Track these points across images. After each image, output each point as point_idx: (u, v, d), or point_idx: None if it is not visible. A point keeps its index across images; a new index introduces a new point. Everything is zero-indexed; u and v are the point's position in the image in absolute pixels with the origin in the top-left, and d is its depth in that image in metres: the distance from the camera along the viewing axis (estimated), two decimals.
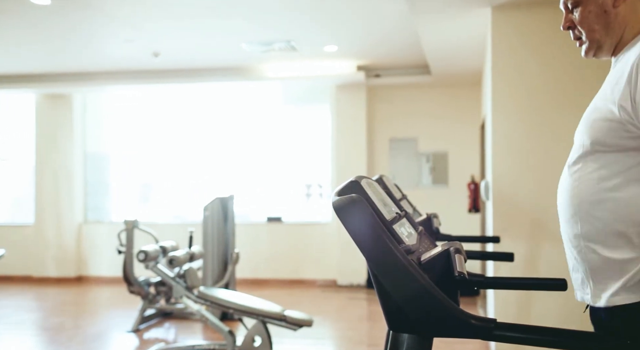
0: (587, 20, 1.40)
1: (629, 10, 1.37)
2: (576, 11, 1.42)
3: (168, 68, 6.95)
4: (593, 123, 1.34)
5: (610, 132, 1.29)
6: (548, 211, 3.70)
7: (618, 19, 1.37)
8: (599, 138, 1.31)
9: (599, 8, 1.37)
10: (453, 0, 3.85)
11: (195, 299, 4.22)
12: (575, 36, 1.46)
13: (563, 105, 3.75)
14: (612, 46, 1.40)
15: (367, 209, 1.17)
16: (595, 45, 1.42)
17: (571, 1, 1.42)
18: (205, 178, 8.07)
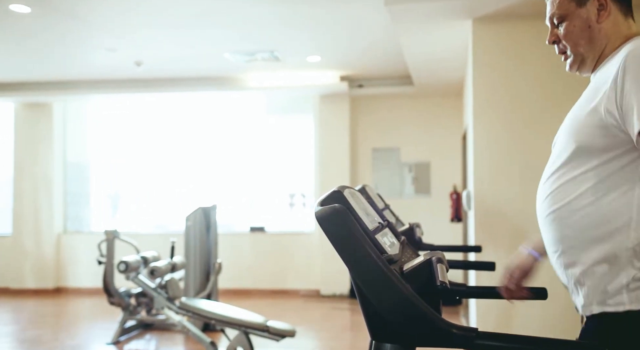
0: (572, 35, 1.44)
1: (611, 25, 1.41)
2: (561, 26, 1.46)
3: (150, 77, 6.91)
4: (577, 128, 1.36)
5: (596, 136, 1.31)
6: (529, 220, 3.74)
7: (601, 34, 1.41)
8: (584, 142, 1.33)
9: (583, 23, 1.42)
10: (435, 12, 3.90)
11: (176, 310, 4.17)
12: (560, 50, 1.50)
13: (543, 115, 3.80)
14: (595, 60, 1.44)
15: (349, 219, 1.17)
16: (579, 59, 1.46)
17: (557, 16, 1.46)
18: (188, 188, 8.02)
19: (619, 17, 1.42)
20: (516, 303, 1.64)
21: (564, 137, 1.41)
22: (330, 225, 1.18)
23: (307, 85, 6.95)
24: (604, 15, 1.40)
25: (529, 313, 3.72)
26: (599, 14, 1.41)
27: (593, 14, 1.41)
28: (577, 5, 1.42)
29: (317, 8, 4.44)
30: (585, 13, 1.41)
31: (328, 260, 7.08)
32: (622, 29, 1.41)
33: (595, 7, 1.41)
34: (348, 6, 4.38)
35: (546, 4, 1.50)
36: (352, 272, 1.20)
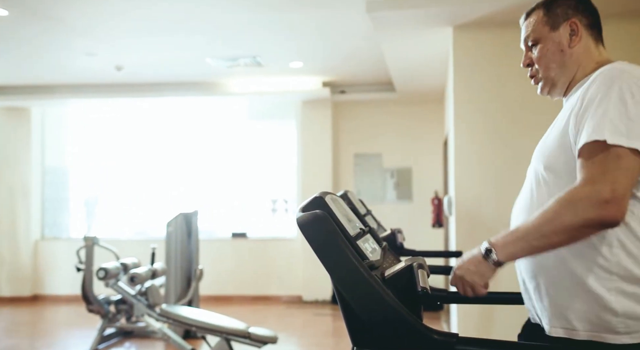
0: (544, 58, 1.47)
1: (583, 51, 1.45)
2: (535, 49, 1.49)
3: (131, 82, 6.85)
4: (547, 149, 1.39)
5: (562, 158, 1.34)
6: (509, 226, 3.78)
7: (572, 59, 1.45)
8: (551, 164, 1.36)
9: (556, 47, 1.45)
10: (416, 19, 3.94)
11: (157, 317, 4.12)
12: (531, 73, 1.53)
13: (523, 122, 3.85)
14: (566, 85, 1.47)
15: (330, 225, 1.17)
16: (550, 83, 1.49)
17: (531, 39, 1.49)
18: (169, 193, 7.95)
19: (590, 43, 1.46)
20: (497, 308, 1.66)
21: (536, 157, 1.45)
22: (312, 231, 1.18)
23: (290, 90, 6.95)
24: (575, 40, 1.44)
25: (509, 318, 3.75)
26: (571, 39, 1.44)
27: (565, 38, 1.44)
28: (550, 29, 1.46)
29: (299, 14, 4.45)
30: (558, 37, 1.45)
31: (310, 266, 7.07)
32: (593, 55, 1.45)
33: (567, 32, 1.44)
34: (330, 13, 4.40)
35: (521, 27, 1.53)
36: (333, 278, 1.20)
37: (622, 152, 1.21)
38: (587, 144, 1.24)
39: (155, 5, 4.26)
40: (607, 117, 1.23)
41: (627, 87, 1.26)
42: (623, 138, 1.21)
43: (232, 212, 7.91)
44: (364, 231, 1.43)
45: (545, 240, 1.23)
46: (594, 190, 1.19)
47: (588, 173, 1.22)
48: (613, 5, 3.52)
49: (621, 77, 1.28)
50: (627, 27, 3.73)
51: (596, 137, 1.22)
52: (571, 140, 1.31)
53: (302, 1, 4.17)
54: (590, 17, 1.46)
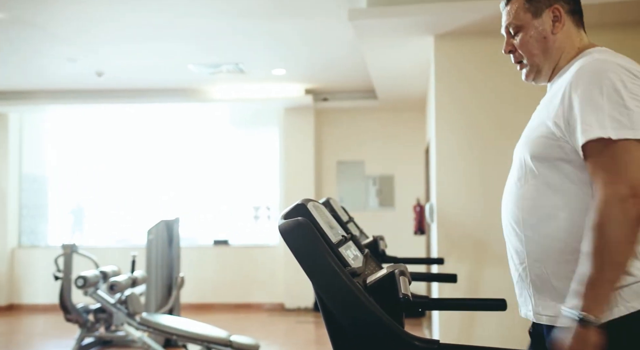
0: (527, 45, 1.48)
1: (565, 37, 1.46)
2: (517, 36, 1.50)
3: (112, 88, 6.79)
4: (531, 140, 1.41)
5: (548, 147, 1.35)
6: (490, 233, 3.82)
7: (556, 45, 1.46)
8: (538, 152, 1.37)
9: (539, 34, 1.46)
10: (398, 28, 3.97)
11: (137, 326, 4.07)
12: (516, 59, 1.54)
13: (503, 129, 3.90)
14: (550, 70, 1.48)
15: (312, 232, 1.17)
16: (535, 69, 1.50)
17: (513, 26, 1.50)
18: (150, 200, 7.87)
19: (572, 29, 1.47)
20: (478, 314, 1.67)
21: (521, 147, 1.46)
22: (294, 238, 1.18)
23: (272, 98, 6.95)
24: (558, 27, 1.45)
25: (491, 324, 3.78)
26: (554, 25, 1.45)
27: (548, 25, 1.45)
28: (532, 16, 1.46)
29: (282, 22, 4.46)
30: (540, 24, 1.46)
31: (292, 274, 7.04)
32: (575, 41, 1.47)
33: (550, 19, 1.45)
34: (313, 21, 4.42)
35: (502, 14, 1.54)
36: (315, 285, 1.20)
37: (629, 145, 1.22)
38: (592, 143, 1.24)
39: (137, 12, 4.24)
40: (604, 112, 1.24)
41: (617, 77, 1.27)
42: (627, 130, 1.23)
43: (214, 220, 7.85)
44: (346, 238, 1.43)
45: (617, 266, 1.21)
46: (615, 193, 1.20)
47: (603, 177, 1.23)
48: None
49: (608, 68, 1.29)
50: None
51: (600, 134, 1.23)
52: (555, 129, 1.32)
53: (284, 9, 4.18)
54: (571, 3, 1.48)
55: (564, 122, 1.31)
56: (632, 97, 1.25)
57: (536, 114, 1.46)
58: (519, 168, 1.44)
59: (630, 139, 1.22)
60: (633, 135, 1.22)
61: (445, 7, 3.65)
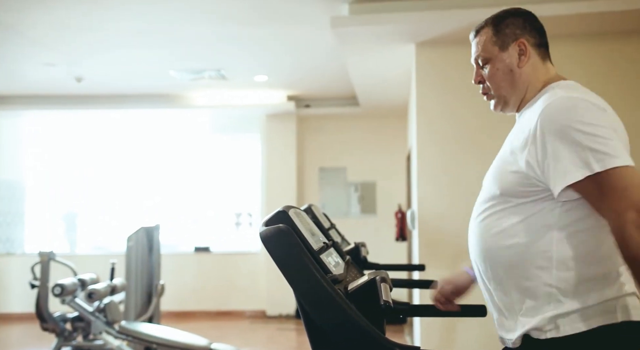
0: (495, 78, 1.51)
1: (531, 70, 1.49)
2: (486, 68, 1.52)
3: (92, 93, 6.71)
4: (502, 174, 1.42)
5: (517, 184, 1.38)
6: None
7: (522, 78, 1.48)
8: (506, 188, 1.40)
9: (506, 67, 1.49)
10: (379, 36, 4.00)
11: (115, 335, 4.01)
12: (484, 90, 1.57)
13: (484, 137, 3.94)
14: (517, 102, 1.51)
15: (294, 239, 1.17)
16: (503, 101, 1.53)
17: (482, 58, 1.53)
18: (130, 207, 7.78)
19: (537, 61, 1.49)
20: (459, 320, 1.69)
21: (490, 178, 1.48)
22: (275, 245, 1.17)
23: (254, 104, 6.94)
24: (524, 60, 1.48)
25: (471, 330, 3.80)
26: (520, 59, 1.48)
27: (514, 58, 1.48)
28: (500, 50, 1.49)
29: (265, 29, 4.46)
30: (507, 57, 1.48)
31: (274, 280, 7.01)
32: (541, 74, 1.49)
33: (516, 52, 1.48)
34: (295, 28, 4.43)
35: (471, 44, 1.57)
36: (296, 292, 1.19)
37: (621, 172, 1.24)
38: (582, 182, 1.26)
39: (117, 18, 4.21)
40: (584, 147, 1.26)
41: (586, 112, 1.30)
42: (613, 159, 1.25)
43: (195, 226, 7.79)
44: (327, 245, 1.44)
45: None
46: (627, 223, 1.21)
47: (608, 210, 1.25)
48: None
49: (576, 105, 1.32)
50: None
51: (586, 172, 1.25)
52: (527, 169, 1.34)
53: (267, 16, 4.19)
54: (537, 36, 1.50)
55: (537, 162, 1.33)
56: (604, 129, 1.28)
57: (506, 144, 1.47)
58: (485, 199, 1.47)
59: (618, 166, 1.24)
60: (618, 162, 1.25)
61: (426, 16, 3.69)
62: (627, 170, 1.25)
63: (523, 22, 1.49)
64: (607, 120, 1.32)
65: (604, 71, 3.86)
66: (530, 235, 1.36)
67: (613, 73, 3.86)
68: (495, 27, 1.50)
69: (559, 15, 3.47)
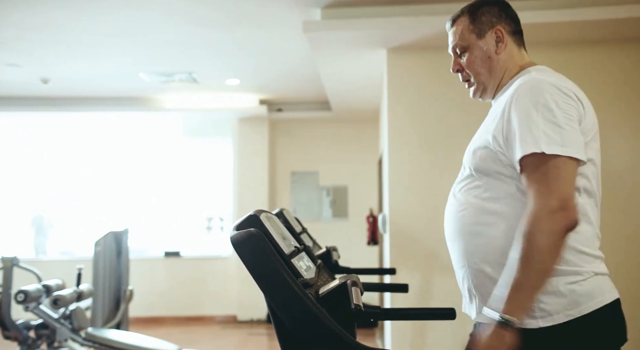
0: (473, 65, 1.55)
1: (508, 56, 1.54)
2: (464, 56, 1.57)
3: (59, 95, 6.57)
4: (472, 152, 1.48)
5: (487, 160, 1.43)
6: (441, 243, 3.88)
7: (499, 64, 1.54)
8: (478, 164, 1.45)
9: (484, 54, 1.54)
10: (351, 41, 4.03)
11: (81, 342, 3.92)
12: (464, 78, 1.61)
13: (455, 141, 3.99)
14: (494, 88, 1.56)
15: (265, 243, 1.17)
16: (482, 87, 1.58)
17: (459, 47, 1.57)
18: (98, 211, 7.64)
19: (513, 48, 1.55)
20: (429, 323, 1.70)
21: (465, 156, 1.53)
22: (246, 249, 1.17)
23: (226, 108, 6.89)
24: (501, 47, 1.53)
25: (441, 332, 3.84)
26: (497, 46, 1.53)
27: (492, 45, 1.53)
28: (477, 37, 1.54)
29: (237, 33, 4.44)
30: (485, 44, 1.53)
31: (245, 285, 6.97)
32: (517, 60, 1.55)
33: (493, 39, 1.53)
34: (267, 32, 4.42)
35: (448, 34, 1.61)
36: (267, 297, 1.19)
37: (560, 162, 1.30)
38: (526, 157, 1.32)
39: (85, 18, 4.13)
40: (539, 128, 1.31)
41: (551, 96, 1.34)
42: (558, 147, 1.30)
43: (165, 231, 7.69)
44: (298, 249, 1.43)
45: (542, 273, 1.27)
46: (546, 205, 1.27)
47: (535, 190, 1.30)
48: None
49: (543, 87, 1.36)
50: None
51: (534, 149, 1.30)
52: (494, 142, 1.40)
53: (239, 20, 4.17)
54: (512, 24, 1.56)
55: (502, 136, 1.38)
56: (564, 116, 1.33)
57: (481, 127, 1.53)
58: (461, 176, 1.52)
59: (561, 155, 1.30)
60: (563, 152, 1.30)
61: (397, 22, 3.73)
62: (567, 162, 1.30)
63: (498, 11, 1.54)
64: (573, 107, 1.36)
65: (583, 78, 3.96)
66: (506, 213, 1.39)
67: (591, 80, 3.96)
68: (472, 16, 1.54)
69: (535, 23, 3.55)
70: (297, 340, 1.18)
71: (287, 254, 1.28)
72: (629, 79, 3.94)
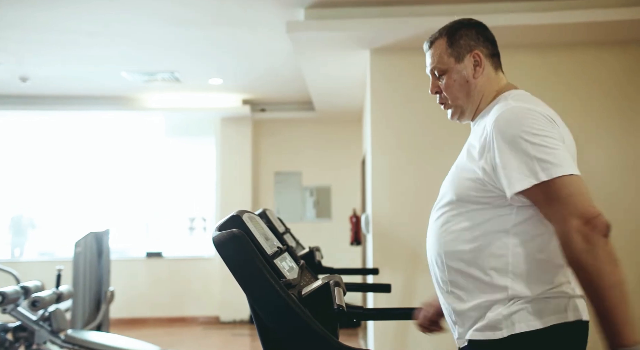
0: (452, 89, 1.55)
1: (485, 80, 1.54)
2: (442, 79, 1.56)
3: (38, 94, 6.47)
4: (458, 180, 1.47)
5: (473, 190, 1.42)
6: (424, 244, 3.90)
7: (477, 89, 1.53)
8: (463, 194, 1.44)
9: (462, 78, 1.53)
10: (334, 42, 4.03)
11: (61, 344, 3.87)
12: (441, 100, 1.60)
13: (438, 141, 4.02)
14: (472, 112, 1.56)
15: (247, 244, 1.16)
16: (459, 111, 1.58)
17: (438, 70, 1.56)
18: (79, 211, 7.54)
19: (491, 71, 1.55)
20: (411, 323, 1.71)
21: (448, 184, 1.52)
22: (228, 250, 1.16)
23: (209, 107, 6.85)
24: (479, 71, 1.52)
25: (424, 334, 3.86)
26: (475, 70, 1.52)
27: (470, 69, 1.52)
28: (455, 61, 1.53)
29: (220, 32, 4.42)
30: (463, 68, 1.53)
31: (228, 286, 6.93)
32: (494, 84, 1.54)
33: (471, 63, 1.52)
34: (251, 32, 4.41)
35: (426, 55, 1.60)
36: (249, 298, 1.18)
37: (565, 181, 1.29)
38: (530, 190, 1.31)
39: (67, 16, 4.08)
40: (531, 157, 1.31)
41: (534, 122, 1.35)
42: (557, 168, 1.29)
43: (147, 231, 7.62)
44: (281, 250, 1.43)
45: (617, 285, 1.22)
46: (571, 227, 1.25)
47: (555, 219, 1.29)
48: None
49: (526, 115, 1.37)
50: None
51: (533, 181, 1.30)
52: (483, 175, 1.39)
53: (221, 19, 4.15)
54: (490, 47, 1.55)
55: (492, 169, 1.37)
56: (551, 139, 1.33)
57: (463, 152, 1.51)
58: (443, 204, 1.50)
59: (562, 175, 1.29)
60: (563, 171, 1.29)
61: (381, 23, 3.74)
62: (571, 179, 1.29)
63: (476, 34, 1.54)
64: (555, 130, 1.37)
65: (572, 80, 4.01)
66: (487, 240, 1.39)
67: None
68: (450, 39, 1.53)
69: (513, 25, 3.59)
70: (279, 341, 1.17)
71: (270, 254, 1.28)
72: (617, 81, 4.00)
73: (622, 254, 1.29)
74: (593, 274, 1.22)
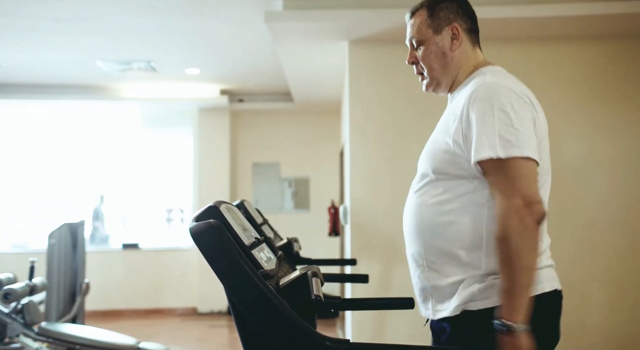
0: (428, 59, 1.57)
1: (462, 54, 1.56)
2: (420, 49, 1.59)
3: (10, 82, 6.32)
4: (433, 153, 1.50)
5: (447, 162, 1.45)
6: (401, 235, 3.92)
7: (454, 61, 1.56)
8: (438, 167, 1.47)
9: (439, 50, 1.55)
10: (313, 32, 4.01)
11: (34, 337, 3.81)
12: (418, 71, 1.63)
13: (416, 133, 4.04)
14: (449, 84, 1.59)
15: (224, 234, 1.16)
16: (435, 82, 1.60)
17: (415, 40, 1.59)
18: (52, 202, 7.41)
19: (468, 47, 1.57)
20: (389, 313, 1.73)
21: (424, 158, 1.54)
22: (205, 241, 1.15)
23: (186, 98, 6.78)
24: (456, 44, 1.55)
25: (400, 322, 3.90)
26: (452, 43, 1.55)
27: (447, 42, 1.55)
28: (433, 33, 1.56)
29: (197, 21, 4.37)
30: (440, 40, 1.55)
31: (205, 277, 6.91)
32: (471, 59, 1.57)
33: (449, 36, 1.55)
34: (228, 21, 4.37)
35: (407, 25, 1.63)
36: (226, 288, 1.18)
37: (518, 162, 1.34)
38: (486, 162, 1.35)
39: (37, 3, 3.98)
40: (495, 132, 1.34)
41: (506, 99, 1.38)
42: (515, 149, 1.34)
43: (123, 222, 7.53)
44: (259, 240, 1.43)
45: (527, 270, 1.29)
46: (511, 205, 1.31)
47: (499, 192, 1.34)
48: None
49: (498, 91, 1.40)
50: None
51: (491, 154, 1.34)
52: (455, 146, 1.42)
53: (198, 7, 4.10)
54: (469, 22, 1.58)
55: (462, 140, 1.41)
56: (518, 118, 1.37)
57: (438, 126, 1.54)
58: (420, 178, 1.53)
59: (518, 156, 1.34)
60: (520, 153, 1.34)
61: (359, 14, 3.73)
62: (525, 162, 1.34)
63: (457, 7, 1.56)
64: (527, 110, 1.40)
65: (542, 74, 4.05)
66: (463, 213, 1.42)
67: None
68: (430, 11, 1.56)
69: (494, 18, 3.61)
70: (257, 332, 1.18)
71: (248, 245, 1.27)
72: (586, 76, 4.06)
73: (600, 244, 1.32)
74: (515, 253, 1.29)
